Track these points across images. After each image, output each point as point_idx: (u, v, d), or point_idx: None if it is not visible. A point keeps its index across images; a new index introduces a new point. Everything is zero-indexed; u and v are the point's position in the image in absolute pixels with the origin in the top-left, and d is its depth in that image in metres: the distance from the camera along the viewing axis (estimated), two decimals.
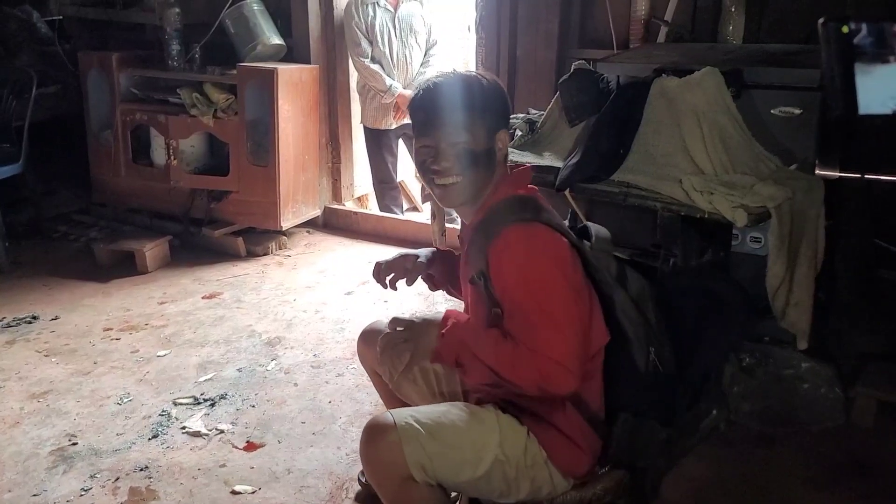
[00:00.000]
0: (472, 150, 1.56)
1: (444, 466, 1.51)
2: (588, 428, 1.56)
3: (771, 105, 2.25)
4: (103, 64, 4.24)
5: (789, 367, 2.44)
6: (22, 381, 2.80)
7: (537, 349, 1.40)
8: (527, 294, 1.45)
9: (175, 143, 4.10)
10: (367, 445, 1.53)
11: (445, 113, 1.56)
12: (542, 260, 1.46)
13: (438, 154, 1.57)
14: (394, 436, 1.49)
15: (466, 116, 1.56)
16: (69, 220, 4.48)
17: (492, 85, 1.60)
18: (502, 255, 1.48)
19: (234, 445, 2.40)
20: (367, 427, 1.55)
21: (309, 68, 4.10)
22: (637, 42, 3.21)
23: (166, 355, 2.99)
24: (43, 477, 2.25)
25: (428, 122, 1.57)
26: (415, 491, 1.51)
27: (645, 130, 2.19)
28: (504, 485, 1.56)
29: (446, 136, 1.56)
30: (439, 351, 1.54)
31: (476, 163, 1.57)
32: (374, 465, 1.53)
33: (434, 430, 1.51)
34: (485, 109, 1.57)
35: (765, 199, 1.93)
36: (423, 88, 1.60)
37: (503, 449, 1.54)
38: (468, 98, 1.57)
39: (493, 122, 1.58)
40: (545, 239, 1.49)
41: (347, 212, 4.48)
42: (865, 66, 1.80)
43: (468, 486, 1.58)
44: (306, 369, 2.88)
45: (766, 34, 2.97)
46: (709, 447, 2.34)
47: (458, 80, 1.60)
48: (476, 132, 1.56)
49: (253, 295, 3.57)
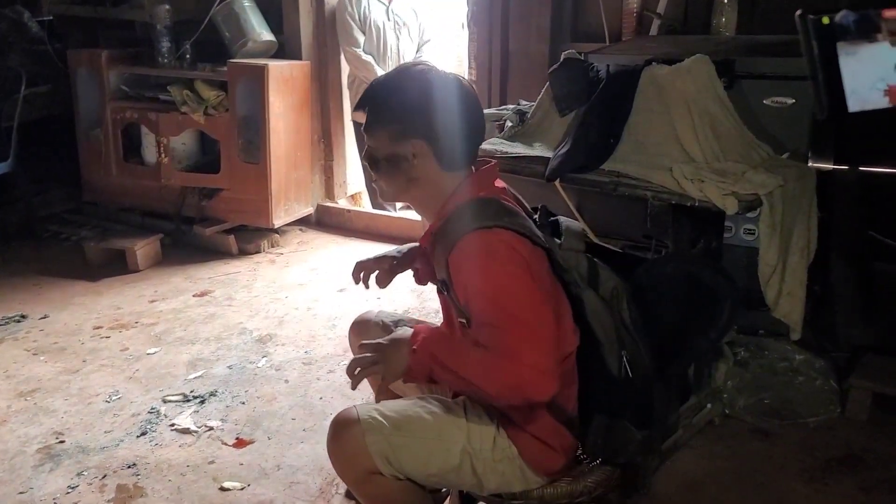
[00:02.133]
0: (371, 153, 1.54)
1: (409, 458, 1.50)
2: (562, 429, 1.53)
3: (763, 95, 2.25)
4: (93, 62, 4.22)
5: (784, 360, 2.43)
6: (9, 380, 2.77)
7: (511, 356, 1.35)
8: (491, 303, 1.40)
9: (166, 140, 4.07)
10: (332, 440, 1.52)
11: (365, 108, 1.54)
12: (503, 266, 1.40)
13: (365, 149, 1.58)
14: (357, 429, 1.48)
15: (371, 118, 1.53)
16: (60, 219, 4.45)
17: (413, 86, 1.50)
18: (462, 266, 1.44)
19: (224, 442, 2.38)
20: (333, 422, 1.54)
21: (300, 65, 4.08)
22: (629, 35, 3.20)
23: (156, 353, 2.97)
24: (29, 475, 2.22)
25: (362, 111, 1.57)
26: (382, 484, 1.50)
27: (635, 119, 2.17)
28: (474, 478, 1.54)
29: (365, 133, 1.56)
30: (411, 368, 1.47)
31: (377, 167, 1.54)
32: (339, 458, 1.52)
33: (399, 422, 1.49)
34: (387, 116, 1.50)
35: (756, 187, 1.92)
36: (373, 80, 1.59)
37: (471, 442, 1.52)
38: (378, 100, 1.52)
39: (395, 129, 1.49)
40: (505, 245, 1.41)
41: (340, 209, 4.46)
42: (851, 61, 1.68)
43: (439, 479, 1.56)
44: (297, 366, 2.86)
45: (759, 25, 2.97)
46: (703, 441, 2.33)
47: (390, 79, 1.55)
48: (377, 137, 1.53)
49: (244, 292, 3.55)
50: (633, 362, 1.49)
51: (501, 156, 2.36)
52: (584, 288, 1.51)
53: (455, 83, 1.52)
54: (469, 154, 1.56)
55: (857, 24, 1.53)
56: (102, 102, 4.23)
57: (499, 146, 2.42)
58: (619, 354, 1.49)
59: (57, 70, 4.58)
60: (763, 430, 2.37)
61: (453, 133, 1.50)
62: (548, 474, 1.55)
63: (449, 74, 1.54)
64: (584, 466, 1.61)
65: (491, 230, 1.42)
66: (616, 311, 1.53)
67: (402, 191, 1.57)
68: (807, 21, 1.51)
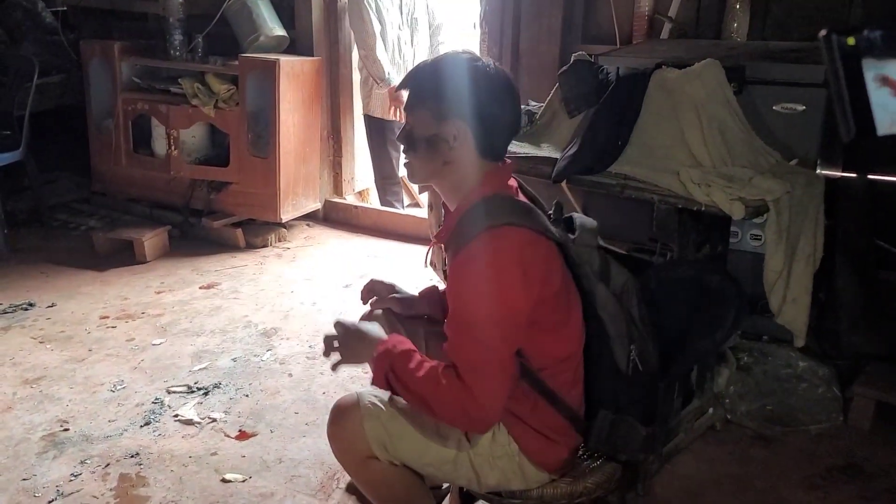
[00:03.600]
0: (409, 132, 1.54)
1: (405, 446, 1.53)
2: (566, 424, 1.54)
3: (773, 101, 2.24)
4: (105, 53, 4.24)
5: (787, 367, 2.42)
6: (16, 367, 2.79)
7: (464, 381, 1.39)
8: (475, 308, 1.42)
9: (176, 133, 4.09)
10: (332, 424, 1.58)
11: (409, 86, 1.55)
12: (498, 274, 1.41)
13: (401, 129, 1.59)
14: (356, 414, 1.53)
15: (413, 98, 1.54)
16: (69, 208, 4.49)
17: (465, 73, 1.50)
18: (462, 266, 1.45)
19: (227, 434, 2.39)
20: (333, 407, 1.59)
21: (311, 60, 4.09)
22: (640, 38, 3.20)
23: (161, 344, 2.98)
24: (33, 462, 2.24)
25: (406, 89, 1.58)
26: (378, 469, 1.54)
27: (644, 122, 2.17)
28: (471, 472, 1.55)
29: (406, 112, 1.56)
30: (373, 373, 1.51)
31: (412, 146, 1.54)
32: (337, 442, 1.58)
33: (398, 410, 1.53)
34: (431, 94, 1.50)
35: (763, 192, 1.92)
36: (419, 63, 1.59)
37: (468, 435, 1.53)
38: (423, 79, 1.53)
39: (438, 109, 1.49)
40: (513, 245, 1.42)
41: (348, 205, 4.47)
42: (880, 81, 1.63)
43: (436, 470, 1.58)
44: (301, 360, 2.87)
45: (771, 31, 2.97)
46: (704, 446, 2.33)
47: (436, 61, 1.56)
48: (418, 116, 1.52)
49: (251, 286, 3.56)
50: (641, 357, 1.51)
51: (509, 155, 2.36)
52: (596, 282, 1.53)
53: (499, 74, 1.53)
54: (505, 145, 1.58)
55: (884, 41, 1.49)
56: (114, 93, 4.26)
57: None
58: (628, 349, 1.51)
59: (70, 60, 4.61)
60: (765, 436, 2.37)
61: (494, 121, 1.51)
62: (549, 470, 1.56)
63: (493, 64, 1.55)
64: (585, 467, 1.62)
65: (502, 228, 1.43)
66: (626, 306, 1.55)
67: (434, 173, 1.55)
68: (832, 41, 1.48)
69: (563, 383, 1.52)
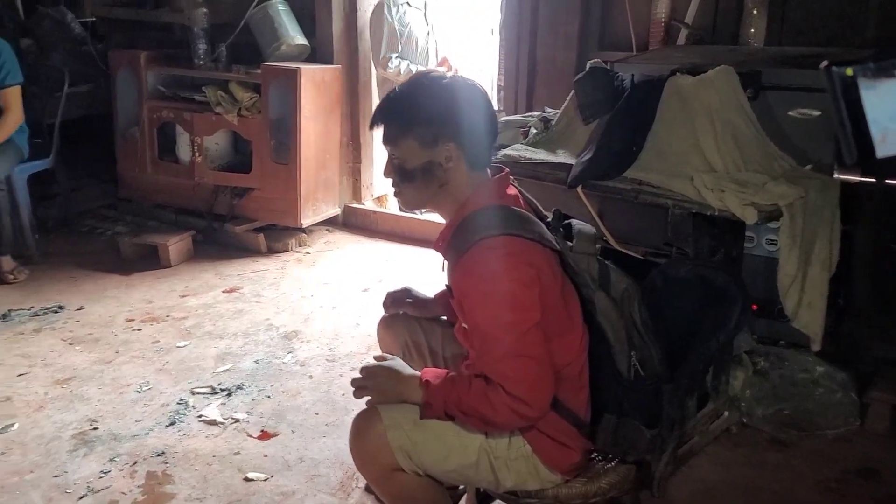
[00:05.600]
0: (401, 165, 1.54)
1: (429, 454, 1.54)
2: (572, 429, 1.57)
3: (789, 106, 2.25)
4: (132, 62, 4.35)
5: (804, 371, 2.43)
6: (47, 368, 2.87)
7: (507, 391, 1.42)
8: (487, 317, 1.45)
9: (200, 140, 4.18)
10: (355, 437, 1.57)
11: (385, 124, 1.55)
12: (503, 283, 1.43)
13: (387, 161, 1.59)
14: (379, 426, 1.52)
15: (395, 130, 1.53)
16: (96, 214, 4.60)
17: (442, 93, 1.50)
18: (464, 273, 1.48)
19: (249, 434, 2.45)
20: (355, 419, 1.59)
21: (332, 68, 4.16)
22: (657, 44, 3.21)
23: (186, 346, 3.05)
24: (64, 459, 2.31)
25: (380, 128, 1.57)
26: (402, 480, 1.55)
27: (658, 128, 2.20)
28: (491, 475, 1.58)
29: (388, 146, 1.56)
30: (429, 416, 1.54)
31: (409, 178, 1.54)
32: (361, 455, 1.57)
33: (419, 420, 1.54)
34: (415, 123, 1.50)
35: (776, 197, 1.93)
36: (388, 93, 1.60)
37: (487, 439, 1.56)
38: (402, 110, 1.52)
39: (425, 135, 1.49)
40: (509, 255, 1.44)
41: (366, 211, 4.53)
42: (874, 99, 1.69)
43: (457, 475, 1.61)
44: (321, 363, 2.92)
45: (788, 37, 2.96)
46: (720, 449, 2.34)
47: (410, 89, 1.55)
48: (405, 148, 1.52)
49: (272, 290, 3.63)
50: (642, 363, 1.52)
51: (525, 161, 2.40)
52: (595, 289, 1.54)
53: (470, 85, 1.56)
54: (490, 151, 1.60)
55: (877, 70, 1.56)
56: (140, 102, 4.36)
57: (522, 152, 2.46)
58: (629, 355, 1.53)
59: (98, 70, 4.72)
60: (781, 440, 2.38)
61: (478, 132, 1.53)
62: (563, 472, 1.59)
63: (460, 77, 1.58)
64: (600, 468, 1.65)
65: (498, 238, 1.45)
66: (627, 313, 1.56)
67: (431, 198, 1.57)
68: (832, 73, 1.54)
69: (566, 389, 1.54)
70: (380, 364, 1.61)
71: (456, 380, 1.51)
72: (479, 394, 1.45)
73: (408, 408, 1.55)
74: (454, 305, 1.58)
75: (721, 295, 1.55)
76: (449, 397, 1.49)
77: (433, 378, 1.54)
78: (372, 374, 1.59)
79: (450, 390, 1.50)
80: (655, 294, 1.67)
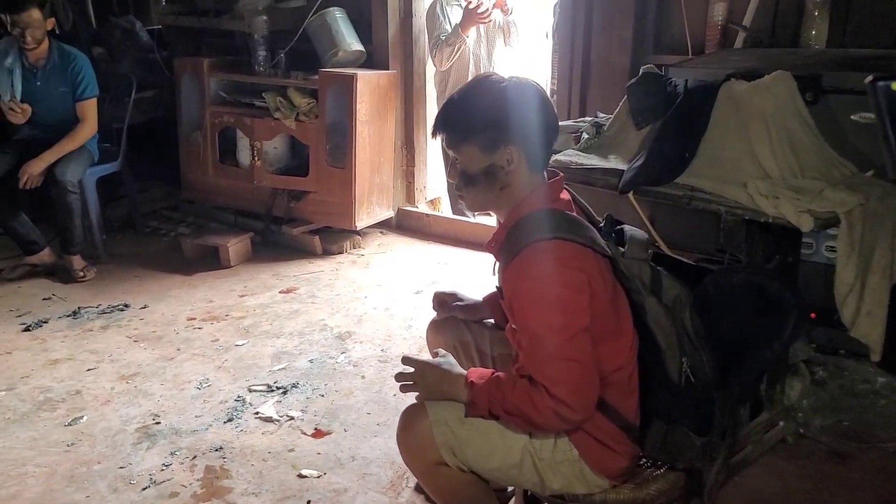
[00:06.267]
0: (464, 169, 1.56)
1: (473, 451, 1.57)
2: (621, 433, 1.57)
3: (851, 111, 2.19)
4: (195, 69, 4.50)
5: (864, 382, 2.36)
6: (114, 364, 3.00)
7: (550, 393, 1.44)
8: (536, 318, 1.47)
9: (259, 144, 4.30)
10: (402, 431, 1.62)
11: (446, 128, 1.57)
12: (552, 278, 1.45)
13: (450, 165, 1.61)
14: (425, 421, 1.56)
15: (456, 137, 1.55)
16: (160, 215, 4.78)
17: (500, 97, 1.52)
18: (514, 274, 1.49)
19: (303, 432, 2.51)
20: (403, 414, 1.63)
21: (387, 74, 4.23)
22: (713, 48, 3.17)
23: (244, 345, 3.15)
24: (129, 451, 2.42)
25: (441, 133, 1.59)
26: (447, 475, 1.58)
27: (711, 134, 2.17)
28: (535, 476, 1.59)
29: (450, 150, 1.58)
30: (473, 415, 1.57)
31: (472, 182, 1.56)
32: (407, 448, 1.62)
33: (464, 416, 1.57)
34: (474, 129, 1.52)
35: (834, 204, 1.89)
36: (447, 99, 1.63)
37: (532, 441, 1.57)
38: (459, 117, 1.54)
39: (486, 140, 1.52)
40: (560, 258, 1.46)
41: (420, 214, 4.58)
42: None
43: (501, 474, 1.62)
44: (374, 363, 2.98)
45: (851, 38, 2.88)
46: (775, 459, 2.29)
47: (469, 93, 1.57)
48: (467, 153, 1.54)
49: (327, 291, 3.70)
50: (693, 370, 1.51)
51: (576, 167, 2.40)
52: (647, 295, 1.54)
53: (527, 86, 1.57)
54: (549, 151, 1.62)
55: None
56: (202, 107, 4.50)
57: (574, 157, 2.46)
58: (680, 361, 1.52)
59: (162, 76, 4.90)
60: (839, 452, 2.31)
61: (537, 133, 1.55)
62: (609, 476, 1.59)
63: (522, 79, 1.58)
64: (649, 474, 1.64)
65: (550, 241, 1.47)
66: (678, 319, 1.55)
67: (493, 200, 1.60)
68: (876, 88, 1.51)
69: (616, 394, 1.55)
70: (428, 362, 1.65)
71: (501, 380, 1.54)
72: (523, 394, 1.47)
73: (454, 405, 1.59)
74: (504, 307, 1.60)
75: (776, 304, 1.53)
76: (493, 396, 1.52)
77: (478, 378, 1.57)
78: (420, 372, 1.63)
79: (494, 390, 1.52)
80: (708, 301, 1.65)
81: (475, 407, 1.55)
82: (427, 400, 1.61)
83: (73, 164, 3.79)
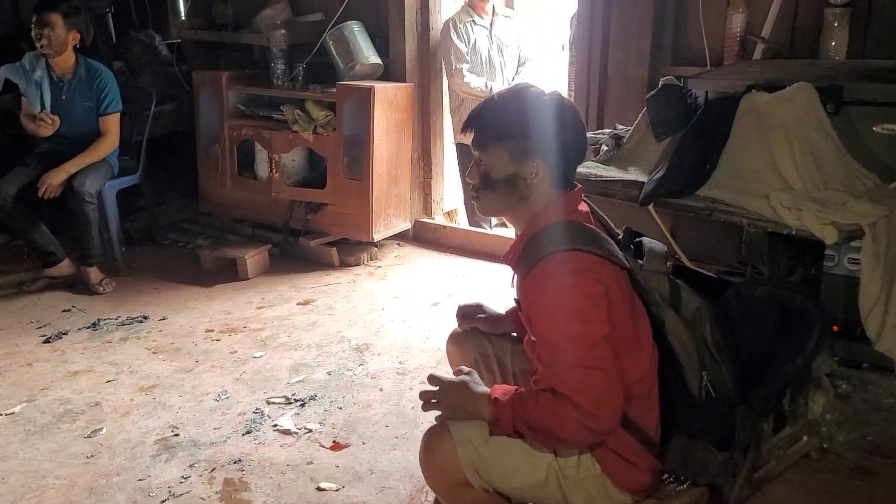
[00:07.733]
0: (486, 172, 1.56)
1: (497, 471, 1.55)
2: (643, 449, 1.56)
3: (873, 122, 2.17)
4: (214, 82, 4.54)
5: (890, 396, 2.33)
6: (133, 375, 3.02)
7: (575, 404, 1.42)
8: (554, 329, 1.46)
9: (277, 157, 4.32)
10: (425, 451, 1.60)
11: (478, 130, 1.57)
12: (570, 289, 1.44)
13: (473, 164, 1.61)
14: (449, 441, 1.55)
15: (488, 137, 1.55)
16: (178, 228, 4.81)
17: (539, 110, 1.53)
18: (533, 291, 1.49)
19: (322, 444, 2.51)
20: (425, 434, 1.62)
21: (404, 86, 4.25)
22: (732, 59, 3.16)
23: (262, 357, 3.16)
24: (148, 463, 2.42)
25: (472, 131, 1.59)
26: (470, 496, 1.57)
27: (732, 146, 2.16)
28: (559, 493, 1.58)
29: (477, 150, 1.58)
30: (497, 433, 1.55)
31: (492, 186, 1.56)
32: (431, 469, 1.60)
33: (489, 436, 1.55)
34: (509, 134, 1.52)
35: (858, 217, 1.87)
36: (485, 99, 1.63)
37: (556, 458, 1.56)
38: (497, 118, 1.54)
39: (517, 148, 1.52)
40: (577, 270, 1.45)
41: (437, 225, 4.58)
42: None
43: (526, 493, 1.61)
44: (392, 375, 2.97)
45: (871, 49, 2.87)
46: (798, 474, 2.26)
47: (510, 98, 1.57)
48: (494, 156, 1.54)
49: (344, 303, 3.71)
50: (714, 384, 1.50)
51: (596, 179, 2.39)
52: (666, 308, 1.53)
53: (568, 106, 1.58)
54: (573, 174, 1.62)
55: None
56: (221, 120, 4.54)
57: (593, 169, 2.45)
58: (700, 375, 1.51)
59: (181, 89, 4.95)
60: (864, 467, 2.28)
61: (567, 153, 1.55)
62: (632, 492, 1.58)
63: (560, 96, 1.59)
64: (671, 489, 1.63)
65: (567, 253, 1.46)
66: (698, 332, 1.54)
67: (509, 208, 1.60)
68: None
69: (636, 408, 1.54)
70: (451, 380, 1.64)
71: (524, 395, 1.52)
72: (546, 408, 1.46)
73: (477, 424, 1.57)
74: (522, 318, 1.60)
75: (798, 317, 1.51)
76: (517, 413, 1.50)
77: (502, 395, 1.55)
78: (444, 390, 1.62)
79: (517, 406, 1.51)
80: (729, 314, 1.64)
81: (499, 425, 1.53)
82: (449, 419, 1.60)
83: (91, 175, 3.83)
